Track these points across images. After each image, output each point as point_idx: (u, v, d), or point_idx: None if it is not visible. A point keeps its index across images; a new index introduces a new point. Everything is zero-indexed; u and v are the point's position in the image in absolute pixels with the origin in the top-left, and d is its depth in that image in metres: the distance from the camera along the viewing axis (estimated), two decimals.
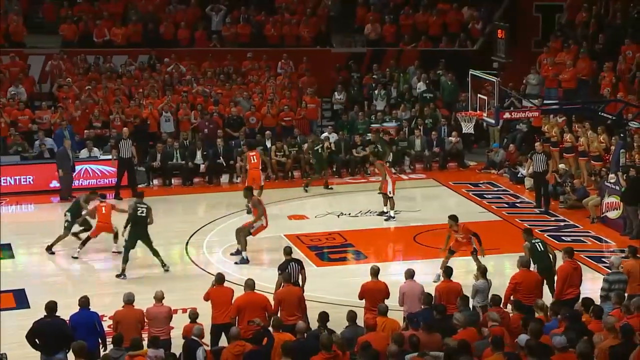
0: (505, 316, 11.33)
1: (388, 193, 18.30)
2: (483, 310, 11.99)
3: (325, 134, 22.78)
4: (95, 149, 21.37)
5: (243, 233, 16.11)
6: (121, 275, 15.42)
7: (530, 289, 12.32)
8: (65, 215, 16.70)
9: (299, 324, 10.80)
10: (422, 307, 11.63)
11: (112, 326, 11.65)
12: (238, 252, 16.27)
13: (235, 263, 16.07)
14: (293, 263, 12.99)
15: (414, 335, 9.92)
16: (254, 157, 19.55)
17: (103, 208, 16.56)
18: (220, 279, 12.30)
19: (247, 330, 11.10)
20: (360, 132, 22.90)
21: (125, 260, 15.48)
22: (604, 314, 10.69)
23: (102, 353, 11.00)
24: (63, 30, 25.18)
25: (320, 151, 21.20)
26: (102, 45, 25.17)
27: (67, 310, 11.44)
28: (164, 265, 15.74)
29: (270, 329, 10.75)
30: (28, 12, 26.01)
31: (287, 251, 13.32)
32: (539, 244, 13.59)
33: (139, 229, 15.58)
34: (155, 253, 15.73)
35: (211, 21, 26.30)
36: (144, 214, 15.58)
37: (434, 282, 13.87)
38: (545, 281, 12.94)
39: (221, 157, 21.53)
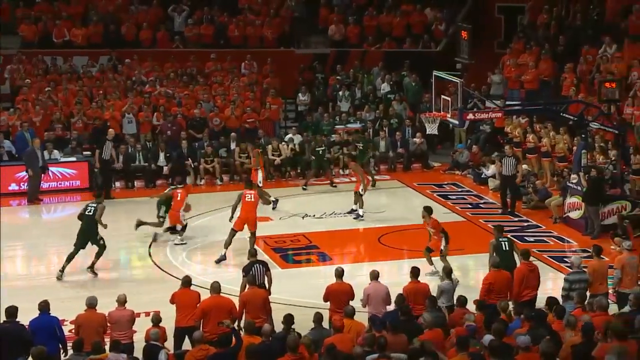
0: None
1: (360, 191, 18.31)
2: (449, 311, 12.01)
3: (290, 135, 22.72)
4: (55, 151, 21.04)
5: (230, 233, 16.14)
6: (61, 272, 15.25)
7: (502, 289, 12.39)
8: (158, 208, 17.09)
9: (265, 326, 10.69)
10: (393, 307, 11.60)
11: (73, 330, 11.46)
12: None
13: (216, 261, 16.02)
14: (258, 265, 12.87)
15: (382, 336, 9.90)
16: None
17: (179, 195, 17.05)
18: (186, 282, 12.17)
19: (212, 334, 10.98)
20: (325, 133, 22.87)
21: (69, 259, 15.28)
22: (565, 314, 10.76)
23: (62, 358, 10.81)
24: (23, 30, 24.80)
25: (320, 152, 21.20)
26: (62, 46, 24.82)
27: (26, 315, 11.22)
28: (93, 267, 15.45)
29: (242, 332, 10.65)
30: None
31: (252, 253, 13.23)
32: (505, 243, 13.61)
33: (87, 228, 15.37)
34: (98, 255, 15.44)
35: (174, 22, 26.08)
36: (91, 213, 15.39)
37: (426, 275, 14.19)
38: None
39: (189, 159, 21.34)
